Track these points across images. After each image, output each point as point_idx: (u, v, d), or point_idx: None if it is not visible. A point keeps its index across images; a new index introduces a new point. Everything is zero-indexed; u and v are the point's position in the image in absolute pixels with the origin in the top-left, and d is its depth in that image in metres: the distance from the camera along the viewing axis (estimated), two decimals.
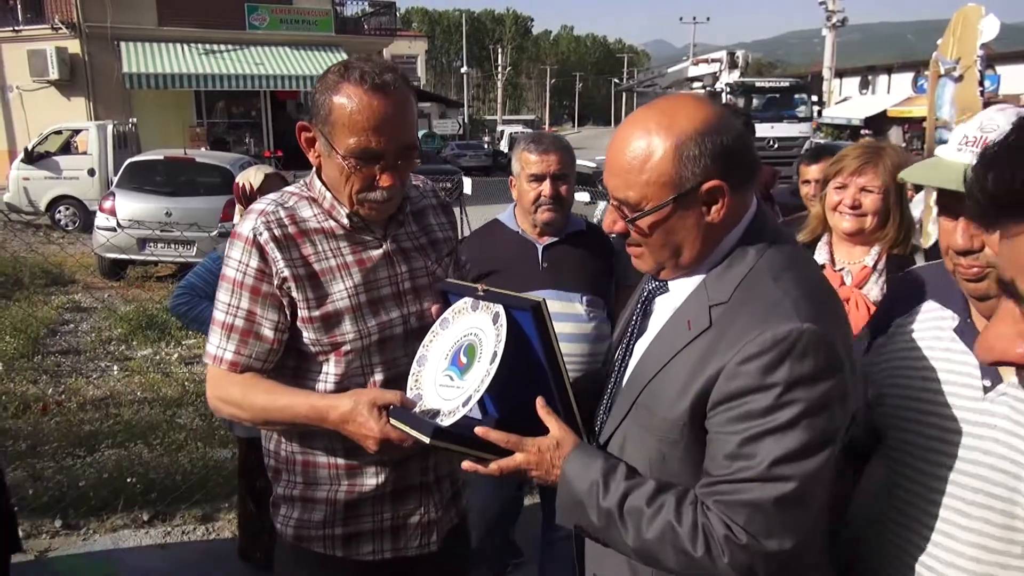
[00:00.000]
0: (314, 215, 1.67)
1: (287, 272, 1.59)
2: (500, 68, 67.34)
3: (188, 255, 9.64)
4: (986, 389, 1.28)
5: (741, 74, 21.79)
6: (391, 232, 1.73)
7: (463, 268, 2.00)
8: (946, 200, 1.34)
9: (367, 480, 1.71)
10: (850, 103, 34.55)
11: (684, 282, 1.34)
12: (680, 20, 64.63)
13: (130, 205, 9.71)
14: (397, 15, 28.72)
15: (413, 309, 1.72)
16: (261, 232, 1.59)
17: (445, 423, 1.43)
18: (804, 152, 4.32)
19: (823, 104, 27.35)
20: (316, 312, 1.62)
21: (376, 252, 1.70)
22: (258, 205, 1.67)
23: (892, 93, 33.83)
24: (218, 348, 1.65)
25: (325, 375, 1.66)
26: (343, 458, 1.69)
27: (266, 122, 23.20)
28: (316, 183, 1.70)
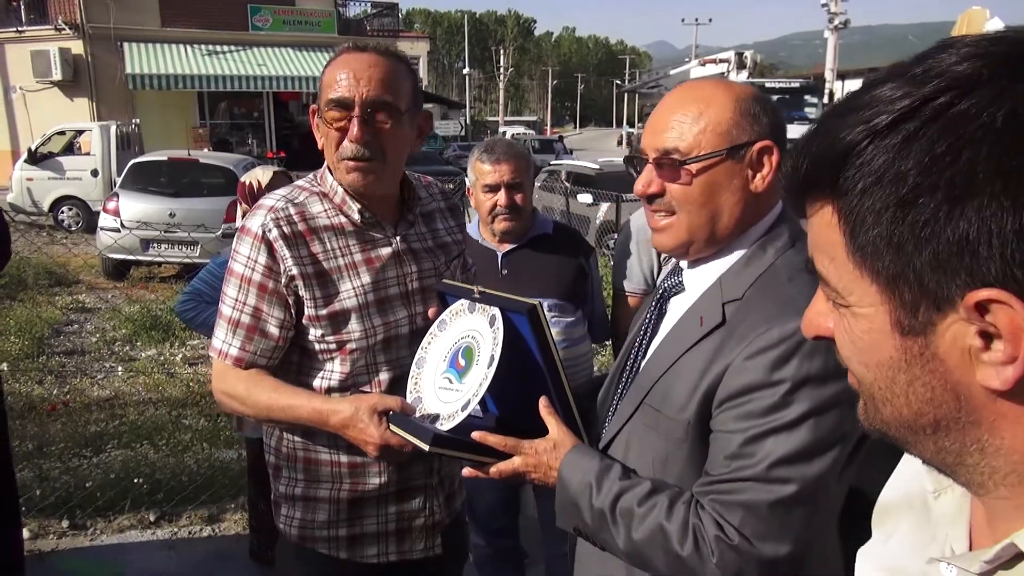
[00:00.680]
0: (324, 210, 1.66)
1: (295, 270, 1.59)
2: (502, 69, 67.38)
3: (192, 256, 9.65)
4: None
5: (749, 75, 21.60)
6: (401, 230, 1.73)
7: (470, 270, 2.00)
8: None
9: (370, 479, 1.70)
10: None
11: (700, 279, 1.33)
12: (682, 21, 65.03)
13: (134, 206, 9.74)
14: (400, 16, 28.78)
15: (419, 309, 1.72)
16: (270, 228, 1.59)
17: (445, 427, 1.44)
18: None
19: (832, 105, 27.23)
20: (323, 311, 1.62)
21: (385, 250, 1.69)
22: (267, 201, 1.66)
23: None
24: (223, 343, 1.65)
25: (329, 372, 1.66)
26: (346, 455, 1.68)
27: (269, 123, 23.23)
28: (328, 177, 1.70)
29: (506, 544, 2.83)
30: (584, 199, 10.83)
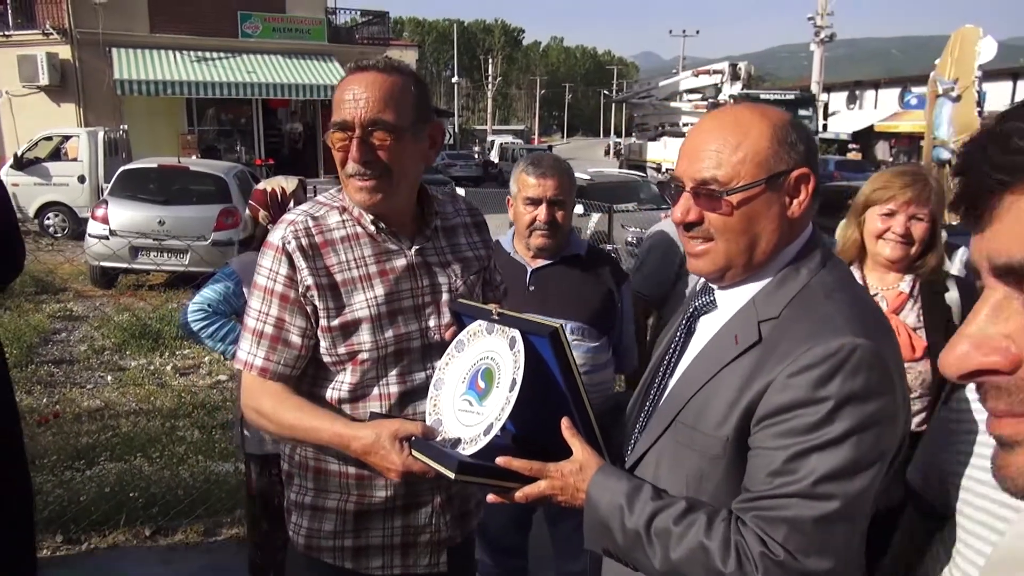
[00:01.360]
0: (341, 221, 1.70)
1: (311, 280, 1.63)
2: (490, 78, 67.55)
3: (182, 264, 9.59)
4: None
5: (744, 86, 21.68)
6: (417, 243, 1.75)
7: (498, 287, 2.00)
8: None
9: (377, 492, 1.72)
10: (838, 117, 34.89)
11: (733, 299, 1.33)
12: (670, 33, 65.26)
13: (123, 213, 9.66)
14: (389, 25, 28.79)
15: (432, 324, 1.73)
16: (289, 241, 1.64)
17: (467, 451, 1.44)
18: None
19: (827, 117, 27.21)
20: (335, 321, 1.65)
21: (400, 263, 1.71)
22: (288, 216, 1.72)
23: (879, 108, 34.22)
24: (248, 354, 1.68)
25: (340, 383, 1.69)
26: (354, 467, 1.69)
27: (257, 130, 23.14)
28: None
29: (515, 564, 2.81)
30: (575, 210, 10.81)
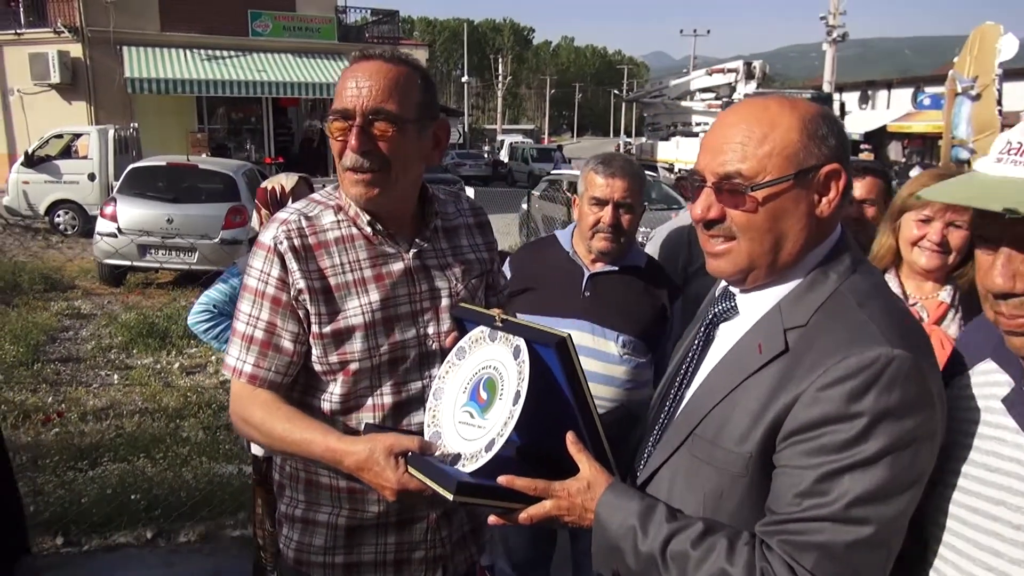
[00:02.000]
0: (336, 221, 1.62)
1: (302, 283, 1.55)
2: (500, 78, 67.49)
3: (190, 262, 9.57)
4: None
5: (758, 85, 21.46)
6: (416, 246, 1.66)
7: (500, 292, 1.90)
8: (985, 227, 1.08)
9: (370, 507, 1.64)
10: (850, 117, 34.58)
11: (756, 305, 1.24)
12: (680, 33, 64.94)
13: (132, 211, 9.63)
14: (399, 23, 28.78)
15: (430, 331, 1.64)
16: (281, 241, 1.56)
17: (467, 468, 1.35)
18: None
19: (843, 117, 26.97)
20: (327, 328, 1.56)
21: (397, 267, 1.62)
22: (281, 214, 1.63)
23: (892, 108, 33.92)
24: (238, 360, 1.60)
25: (331, 393, 1.61)
26: (345, 480, 1.62)
27: (267, 128, 23.15)
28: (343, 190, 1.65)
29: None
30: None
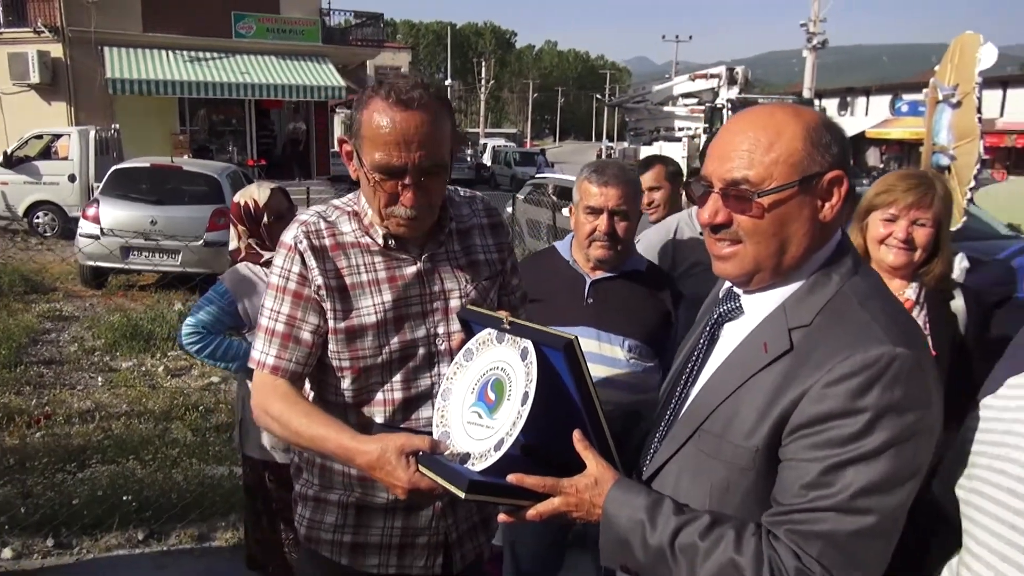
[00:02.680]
0: (352, 230, 1.70)
1: (320, 280, 1.64)
2: (483, 81, 67.49)
3: (173, 264, 9.50)
4: None
5: (741, 90, 21.51)
6: (429, 249, 1.72)
7: (513, 293, 1.95)
8: None
9: (379, 492, 1.70)
10: None
11: (761, 305, 1.30)
12: (663, 38, 65.19)
13: (114, 213, 9.53)
14: (383, 26, 28.72)
15: (440, 330, 1.71)
16: (301, 240, 1.65)
17: (476, 468, 1.40)
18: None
19: None
20: (341, 324, 1.64)
21: (410, 269, 1.70)
22: (302, 216, 1.72)
23: (870, 115, 34.37)
24: (261, 353, 1.69)
25: (343, 387, 1.69)
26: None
27: (250, 130, 22.97)
28: (362, 198, 1.72)
29: None
30: (564, 211, 10.83)
